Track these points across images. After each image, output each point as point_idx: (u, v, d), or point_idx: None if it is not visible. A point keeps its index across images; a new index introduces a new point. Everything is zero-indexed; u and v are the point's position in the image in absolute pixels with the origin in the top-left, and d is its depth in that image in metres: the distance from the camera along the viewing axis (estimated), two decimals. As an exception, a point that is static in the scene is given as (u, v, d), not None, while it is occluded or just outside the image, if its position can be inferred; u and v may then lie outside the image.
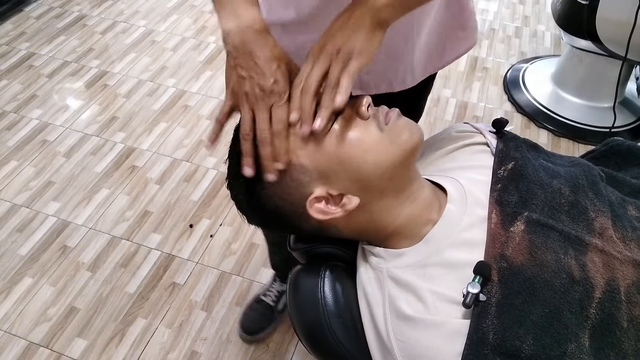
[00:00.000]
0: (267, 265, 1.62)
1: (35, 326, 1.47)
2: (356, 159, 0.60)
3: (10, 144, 2.02)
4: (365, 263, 0.68)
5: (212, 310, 1.51)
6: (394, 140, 0.62)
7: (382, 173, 0.61)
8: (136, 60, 2.44)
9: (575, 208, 0.63)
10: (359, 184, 0.61)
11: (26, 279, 1.58)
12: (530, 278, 0.56)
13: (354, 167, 0.61)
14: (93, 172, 1.91)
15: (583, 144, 2.07)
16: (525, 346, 0.53)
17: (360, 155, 0.60)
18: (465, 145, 0.75)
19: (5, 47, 2.51)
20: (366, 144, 0.61)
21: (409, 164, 0.64)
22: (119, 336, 1.45)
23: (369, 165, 0.61)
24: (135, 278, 1.59)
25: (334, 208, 0.62)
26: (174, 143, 2.04)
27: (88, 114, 2.17)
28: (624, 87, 2.15)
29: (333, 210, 0.62)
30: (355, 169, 0.61)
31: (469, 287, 0.55)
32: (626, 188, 0.71)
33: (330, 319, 0.65)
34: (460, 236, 0.62)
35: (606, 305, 0.56)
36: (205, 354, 1.42)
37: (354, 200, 0.62)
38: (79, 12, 2.77)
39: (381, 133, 0.62)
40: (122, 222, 1.74)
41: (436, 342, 0.55)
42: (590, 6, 1.78)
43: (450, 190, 0.67)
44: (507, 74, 2.39)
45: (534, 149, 0.74)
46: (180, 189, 1.86)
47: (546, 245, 0.59)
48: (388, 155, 0.61)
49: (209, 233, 1.71)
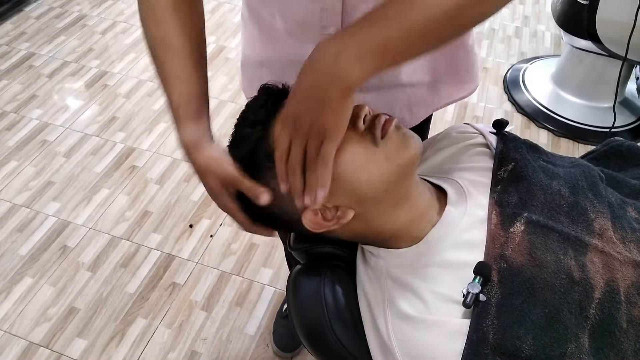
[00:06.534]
0: (267, 265, 1.62)
1: (35, 326, 1.47)
2: (349, 176, 0.58)
3: (10, 144, 2.02)
4: (365, 263, 0.68)
5: (212, 310, 1.51)
6: (389, 155, 0.59)
7: (377, 188, 0.60)
8: (136, 60, 2.44)
9: (574, 209, 0.64)
10: (353, 198, 0.60)
11: (26, 279, 1.58)
12: (530, 278, 0.57)
13: (347, 184, 0.59)
14: (93, 172, 1.91)
15: (583, 144, 2.07)
16: (525, 346, 0.53)
17: (352, 174, 0.58)
18: (465, 146, 0.75)
19: (5, 47, 2.51)
20: (359, 161, 0.58)
21: (406, 177, 0.62)
22: (119, 336, 1.45)
23: (362, 182, 0.59)
24: (135, 278, 1.59)
25: (329, 222, 0.61)
26: (174, 143, 2.03)
27: (88, 114, 2.17)
28: (624, 87, 2.15)
29: (328, 224, 0.61)
30: (349, 186, 0.59)
31: (469, 287, 0.56)
32: (626, 189, 0.71)
33: (331, 319, 0.65)
34: (460, 237, 0.62)
35: (606, 306, 0.56)
36: (205, 354, 1.42)
37: (349, 213, 0.60)
38: (79, 12, 2.77)
39: (376, 148, 0.59)
40: (122, 222, 1.74)
41: (437, 341, 0.55)
42: (590, 6, 1.78)
43: (450, 192, 0.67)
44: (507, 74, 2.39)
45: (534, 150, 0.74)
46: (180, 189, 1.86)
47: (546, 245, 0.59)
48: (383, 172, 0.59)
49: (209, 233, 1.71)
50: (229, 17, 2.74)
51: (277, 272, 1.61)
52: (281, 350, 1.41)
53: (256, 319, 1.50)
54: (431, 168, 0.76)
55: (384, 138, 0.59)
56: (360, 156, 0.59)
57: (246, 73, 0.88)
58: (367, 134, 0.59)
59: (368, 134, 0.59)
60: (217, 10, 2.78)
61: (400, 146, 0.60)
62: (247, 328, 1.48)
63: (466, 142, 0.75)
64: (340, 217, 0.61)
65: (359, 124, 0.59)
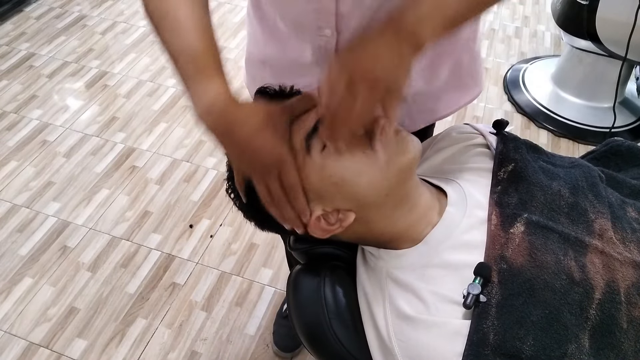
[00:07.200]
0: (267, 266, 1.62)
1: (35, 326, 1.47)
2: (349, 181, 0.59)
3: (10, 144, 2.02)
4: (366, 263, 0.68)
5: (212, 311, 1.51)
6: (388, 160, 0.59)
7: (377, 191, 0.60)
8: (136, 60, 2.44)
9: (575, 210, 0.64)
10: (353, 202, 0.60)
11: (26, 279, 1.58)
12: (530, 279, 0.57)
13: (347, 188, 0.59)
14: (93, 173, 1.91)
15: (583, 144, 2.07)
16: (525, 347, 0.53)
17: (352, 178, 0.59)
18: (465, 146, 0.75)
19: (6, 47, 2.51)
20: (358, 166, 0.59)
21: (405, 180, 0.62)
22: (119, 336, 1.45)
23: (362, 186, 0.59)
24: (135, 278, 1.59)
25: (333, 226, 0.61)
26: (174, 143, 2.04)
27: (88, 114, 2.17)
28: (624, 87, 2.15)
29: (332, 228, 0.61)
30: (349, 190, 0.59)
31: (470, 288, 0.56)
32: (626, 189, 0.72)
33: (331, 319, 0.65)
34: (460, 238, 0.62)
35: (606, 306, 0.56)
36: (205, 354, 1.42)
37: (350, 215, 0.61)
38: (79, 12, 2.77)
39: (375, 152, 0.59)
40: (122, 223, 1.74)
41: (437, 342, 0.55)
42: (590, 6, 1.78)
43: (450, 193, 0.67)
44: (507, 74, 2.39)
45: (534, 151, 0.74)
46: (180, 189, 1.86)
47: (546, 246, 0.59)
48: (382, 176, 0.59)
49: (209, 233, 1.71)
50: (229, 17, 2.74)
51: (277, 272, 1.61)
52: (281, 350, 1.41)
53: (256, 319, 1.50)
54: (431, 168, 0.76)
55: (383, 142, 0.59)
56: (359, 160, 0.59)
57: (249, 70, 0.88)
58: (366, 138, 0.60)
59: (367, 138, 0.59)
60: (217, 10, 2.78)
61: (399, 150, 0.60)
62: (247, 328, 1.48)
63: (466, 143, 0.75)
64: (341, 219, 0.61)
65: None
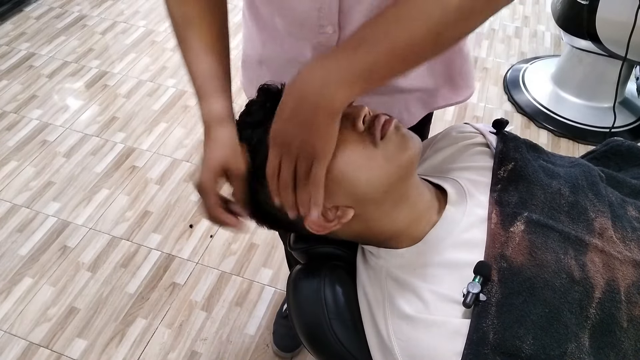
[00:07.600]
0: (267, 266, 1.62)
1: (35, 326, 1.47)
2: (349, 176, 0.58)
3: (10, 144, 2.02)
4: (365, 263, 0.68)
5: (212, 311, 1.51)
6: (389, 156, 0.59)
7: (377, 188, 0.60)
8: (136, 60, 2.44)
9: (575, 208, 0.64)
10: (353, 198, 0.60)
11: (26, 279, 1.58)
12: (530, 278, 0.57)
13: (347, 184, 0.59)
14: (93, 172, 1.91)
15: (583, 144, 2.07)
16: (525, 346, 0.53)
17: (352, 174, 0.58)
18: (465, 145, 0.75)
19: (5, 47, 2.51)
20: (358, 162, 0.58)
21: (405, 177, 0.62)
22: (119, 336, 1.45)
23: (361, 182, 0.59)
24: (135, 278, 1.59)
25: (331, 222, 0.61)
26: (174, 143, 2.04)
27: (88, 114, 2.17)
28: (624, 87, 2.15)
29: (330, 224, 0.61)
30: (349, 186, 0.59)
31: (469, 287, 0.56)
32: (626, 189, 0.72)
33: (331, 319, 0.65)
34: (460, 236, 0.62)
35: (606, 305, 0.56)
36: (205, 354, 1.42)
37: (349, 212, 0.60)
38: (79, 12, 2.77)
39: (376, 149, 0.59)
40: (122, 222, 1.74)
41: (437, 341, 0.55)
42: (590, 6, 1.78)
43: (450, 192, 0.67)
44: (507, 74, 2.39)
45: (534, 150, 0.74)
46: (180, 189, 1.86)
47: (546, 245, 0.59)
48: (382, 172, 0.59)
49: (209, 233, 1.71)
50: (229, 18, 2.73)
51: (277, 272, 1.61)
52: (281, 350, 1.41)
53: (256, 319, 1.50)
54: (431, 168, 0.76)
55: (384, 139, 0.59)
56: (360, 156, 0.58)
57: (246, 72, 0.88)
58: (366, 135, 0.59)
59: (368, 135, 0.59)
60: (217, 10, 2.78)
61: (399, 146, 0.60)
62: (247, 328, 1.48)
63: (466, 142, 0.75)
64: (340, 216, 0.61)
65: (359, 125, 0.59)
